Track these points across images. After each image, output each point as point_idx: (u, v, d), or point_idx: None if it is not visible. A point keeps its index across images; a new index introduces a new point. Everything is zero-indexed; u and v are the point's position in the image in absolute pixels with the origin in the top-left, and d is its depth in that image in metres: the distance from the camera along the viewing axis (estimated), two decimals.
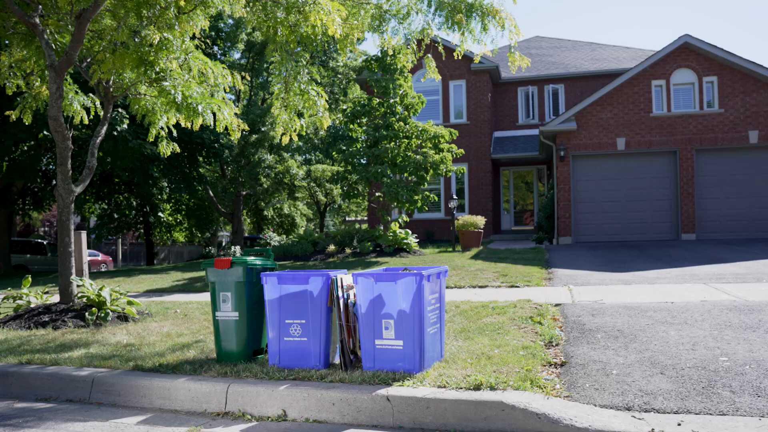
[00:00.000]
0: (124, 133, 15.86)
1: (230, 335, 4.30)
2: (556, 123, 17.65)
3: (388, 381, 3.60)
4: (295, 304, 4.06)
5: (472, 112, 23.32)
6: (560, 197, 17.52)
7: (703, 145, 17.02)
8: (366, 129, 15.79)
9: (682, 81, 17.51)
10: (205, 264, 4.34)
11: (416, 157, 15.18)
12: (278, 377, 3.81)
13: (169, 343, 5.22)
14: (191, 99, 7.33)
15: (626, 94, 17.62)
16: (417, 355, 3.76)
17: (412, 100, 16.14)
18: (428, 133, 15.36)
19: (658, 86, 17.58)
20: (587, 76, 24.07)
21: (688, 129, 17.20)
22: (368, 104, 16.03)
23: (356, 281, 3.89)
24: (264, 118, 20.28)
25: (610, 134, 17.70)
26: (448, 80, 23.71)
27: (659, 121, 17.35)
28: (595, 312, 6.33)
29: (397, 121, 15.44)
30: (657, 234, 17.24)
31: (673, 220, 17.21)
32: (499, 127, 24.46)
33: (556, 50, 27.86)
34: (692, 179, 16.97)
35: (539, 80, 24.36)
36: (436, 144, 15.57)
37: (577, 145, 17.72)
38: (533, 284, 9.10)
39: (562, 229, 17.45)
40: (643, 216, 17.39)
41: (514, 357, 4.26)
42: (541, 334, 5.26)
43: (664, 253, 13.02)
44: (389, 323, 3.82)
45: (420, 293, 3.75)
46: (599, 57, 26.16)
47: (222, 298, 4.31)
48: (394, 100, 15.90)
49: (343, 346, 3.97)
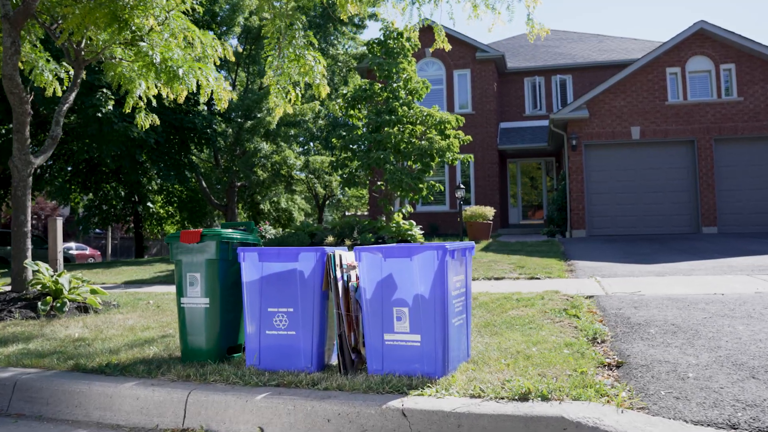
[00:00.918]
0: (109, 115, 14.88)
1: (198, 327, 3.38)
2: (567, 111, 16.75)
3: (403, 388, 2.69)
4: (280, 287, 3.14)
5: (477, 102, 22.39)
6: (573, 188, 16.62)
7: (723, 135, 16.11)
8: (367, 114, 14.84)
9: (698, 68, 16.60)
10: (170, 237, 3.42)
11: (421, 142, 14.25)
12: (256, 382, 2.89)
13: (130, 337, 4.30)
14: (171, 61, 6.41)
15: (640, 82, 16.71)
16: (439, 353, 2.84)
17: (416, 85, 15.19)
18: (434, 119, 14.43)
19: (672, 74, 16.68)
20: (596, 67, 23.14)
21: (705, 118, 16.29)
22: (370, 89, 15.09)
23: (360, 258, 2.97)
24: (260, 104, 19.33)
25: (623, 123, 16.79)
26: (452, 69, 22.79)
27: (675, 109, 16.44)
28: (638, 304, 5.43)
29: (400, 106, 14.51)
30: (675, 227, 16.33)
31: (692, 213, 16.30)
32: (506, 118, 23.55)
33: (562, 42, 26.94)
34: (712, 170, 16.06)
35: (546, 70, 23.44)
36: (442, 130, 14.64)
37: (590, 134, 16.81)
38: (555, 276, 8.21)
39: (575, 222, 16.54)
40: (660, 208, 16.48)
41: (559, 356, 3.35)
42: (581, 328, 4.36)
43: (689, 246, 12.13)
44: (403, 312, 2.90)
45: (443, 273, 2.83)
46: (607, 48, 25.26)
47: (189, 280, 3.39)
48: (397, 85, 14.96)
49: (342, 342, 3.05)
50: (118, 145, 15.78)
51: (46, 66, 7.57)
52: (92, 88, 15.27)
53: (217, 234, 3.32)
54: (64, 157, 19.72)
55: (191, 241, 3.33)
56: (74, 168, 19.58)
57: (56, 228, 12.98)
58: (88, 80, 14.98)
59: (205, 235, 3.33)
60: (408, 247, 2.86)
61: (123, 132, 15.22)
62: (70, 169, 19.77)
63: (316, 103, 21.28)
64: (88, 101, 14.90)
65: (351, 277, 3.18)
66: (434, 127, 14.63)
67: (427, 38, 21.71)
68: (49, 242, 12.52)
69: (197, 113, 18.46)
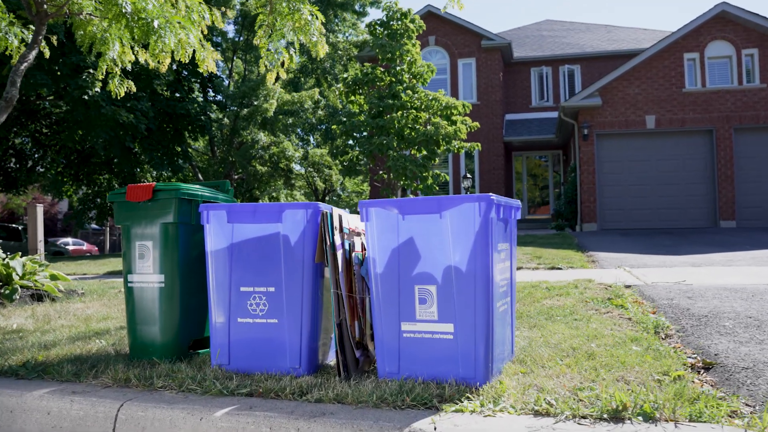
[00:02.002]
0: (96, 98, 13.98)
1: (150, 314, 2.54)
2: (578, 98, 15.90)
3: (431, 400, 1.84)
4: (257, 258, 2.29)
5: (482, 92, 21.54)
6: (583, 180, 15.78)
7: (743, 124, 15.26)
8: (369, 99, 13.97)
9: (717, 54, 15.74)
10: (113, 195, 2.59)
11: (427, 127, 13.39)
12: (219, 390, 2.04)
13: (80, 329, 3.46)
14: (145, 12, 5.54)
15: (655, 68, 15.84)
16: (481, 349, 2.00)
17: (420, 69, 14.33)
18: (439, 103, 13.57)
19: (690, 60, 15.82)
20: (605, 56, 22.28)
21: (725, 106, 15.43)
22: (371, 72, 14.23)
23: (368, 216, 2.13)
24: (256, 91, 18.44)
25: (638, 111, 15.93)
26: (456, 58, 21.93)
27: (693, 97, 15.59)
28: (691, 295, 4.60)
29: (404, 90, 13.65)
30: (691, 221, 15.49)
31: (709, 206, 15.46)
32: (512, 109, 22.70)
33: (570, 32, 26.10)
34: (731, 161, 15.21)
35: (554, 60, 22.58)
36: (448, 116, 13.78)
37: (602, 123, 15.96)
38: (577, 266, 7.40)
39: (586, 215, 15.70)
40: (675, 201, 15.64)
41: (631, 355, 2.51)
42: (637, 321, 3.53)
43: (711, 239, 11.31)
44: (428, 292, 2.06)
45: (487, 235, 1.99)
46: (617, 38, 24.42)
47: (138, 251, 2.55)
48: (400, 68, 14.10)
49: (343, 334, 2.20)
50: (107, 130, 14.89)
51: (10, 30, 6.72)
52: (78, 69, 14.40)
53: (174, 189, 2.48)
54: (55, 148, 18.85)
55: (141, 199, 2.49)
56: (66, 159, 18.75)
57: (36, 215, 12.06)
58: (73, 61, 14.12)
59: (160, 191, 2.49)
60: (437, 200, 2.01)
61: (111, 116, 14.33)
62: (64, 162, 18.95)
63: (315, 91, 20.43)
64: (74, 83, 14.02)
65: (355, 246, 2.34)
66: (440, 112, 13.78)
67: (430, 27, 20.89)
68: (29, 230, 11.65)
69: (192, 100, 17.58)
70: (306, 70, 25.00)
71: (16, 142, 20.02)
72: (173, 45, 5.87)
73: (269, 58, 6.25)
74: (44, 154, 19.94)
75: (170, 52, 6.37)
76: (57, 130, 18.38)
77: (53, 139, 18.95)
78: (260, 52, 6.46)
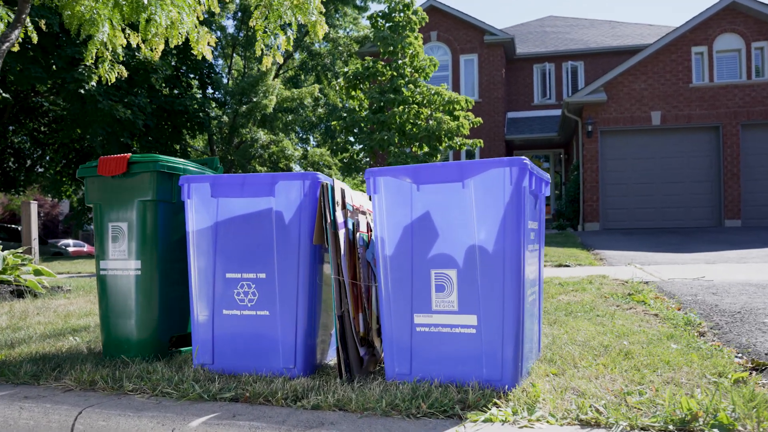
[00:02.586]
0: (93, 93, 13.63)
1: (125, 306, 2.23)
2: (583, 94, 15.59)
3: (452, 407, 1.53)
4: (245, 239, 1.98)
5: (484, 89, 21.23)
6: (586, 178, 15.47)
7: (751, 120, 14.95)
8: (370, 94, 13.65)
9: (726, 47, 15.42)
10: (83, 170, 2.27)
11: (429, 123, 13.08)
12: (198, 394, 1.72)
13: (58, 326, 3.15)
14: None
15: (662, 63, 15.52)
16: (510, 347, 1.68)
17: (423, 62, 14.02)
18: (442, 98, 13.25)
19: (698, 53, 15.50)
20: (609, 52, 21.94)
21: (733, 101, 15.12)
22: (372, 66, 13.91)
23: (375, 188, 1.82)
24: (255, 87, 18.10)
25: (643, 107, 15.61)
26: (458, 54, 21.60)
27: (700, 92, 15.27)
28: (715, 291, 4.29)
29: (406, 84, 13.33)
30: (696, 220, 15.18)
31: (714, 205, 15.15)
32: (513, 107, 22.39)
33: (573, 28, 25.80)
34: (738, 158, 14.89)
35: (557, 56, 22.25)
36: (451, 111, 13.47)
37: (606, 119, 15.65)
38: (585, 264, 7.12)
39: (588, 214, 15.40)
40: (680, 200, 15.32)
41: (672, 354, 2.20)
42: (665, 317, 3.23)
43: (716, 238, 11.01)
44: (447, 278, 1.74)
45: (519, 206, 1.68)
46: (621, 34, 24.11)
47: (112, 233, 2.23)
48: (402, 61, 13.78)
49: (345, 328, 1.89)
50: (104, 126, 14.55)
51: None
52: (73, 61, 14.06)
53: (152, 161, 2.16)
54: (53, 147, 18.51)
55: (114, 172, 2.17)
56: (65, 158, 18.43)
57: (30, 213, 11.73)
58: (68, 53, 13.79)
59: (136, 163, 2.17)
60: (458, 165, 1.70)
61: (108, 111, 13.99)
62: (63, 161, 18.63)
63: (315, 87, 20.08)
64: (69, 76, 13.68)
65: (360, 226, 2.02)
66: (442, 107, 13.46)
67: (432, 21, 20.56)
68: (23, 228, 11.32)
69: (190, 96, 17.25)
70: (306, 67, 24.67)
71: (14, 141, 19.71)
72: (165, 24, 5.57)
73: (266, 40, 5.93)
74: (43, 153, 19.61)
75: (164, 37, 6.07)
76: (55, 128, 18.04)
77: (51, 137, 18.62)
78: (257, 35, 6.14)
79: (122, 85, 14.76)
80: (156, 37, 6.05)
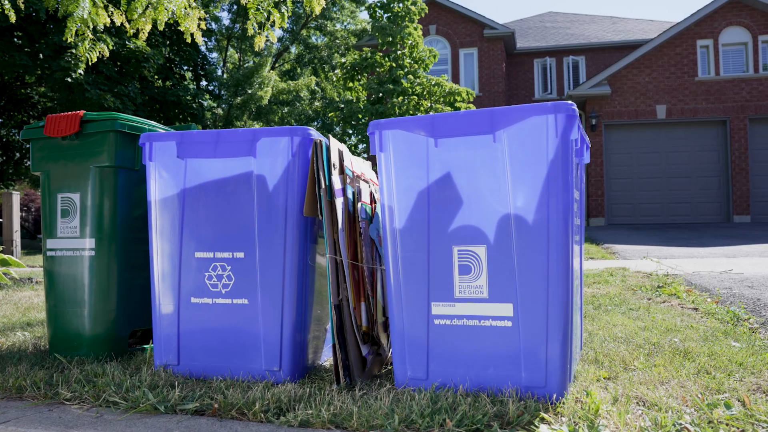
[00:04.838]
0: (80, 81, 13.24)
1: (76, 293, 1.83)
2: (586, 87, 15.25)
3: (487, 424, 1.14)
4: (219, 210, 1.59)
5: (484, 83, 20.87)
6: (591, 173, 15.13)
7: (759, 114, 14.62)
8: (368, 85, 13.26)
9: (732, 41, 15.10)
10: (28, 131, 1.88)
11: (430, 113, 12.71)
12: (152, 405, 1.33)
13: (13, 319, 2.77)
14: None
15: (667, 56, 15.18)
16: (556, 345, 1.29)
17: (422, 53, 13.64)
18: (442, 89, 12.88)
19: (704, 47, 15.17)
20: (611, 47, 21.63)
21: (740, 95, 14.79)
22: (371, 57, 13.53)
23: (382, 145, 1.42)
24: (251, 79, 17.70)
25: (648, 101, 15.27)
26: (458, 48, 21.25)
27: (706, 86, 14.94)
28: (751, 284, 3.93)
29: (404, 75, 12.95)
30: (703, 216, 14.86)
31: (722, 200, 14.82)
32: (514, 101, 22.05)
33: (573, 23, 25.49)
34: (746, 153, 14.56)
35: (558, 51, 21.92)
36: (451, 102, 13.09)
37: (610, 113, 15.31)
38: (598, 257, 6.75)
39: (592, 209, 15.06)
40: (686, 195, 15.00)
41: (739, 354, 1.82)
42: (707, 311, 2.85)
43: (728, 233, 10.69)
44: (473, 255, 1.35)
45: (567, 164, 1.29)
46: (622, 29, 23.80)
47: (61, 206, 1.84)
48: (401, 52, 13.40)
49: (343, 319, 1.50)
50: None
51: None
52: (60, 50, 13.66)
53: (111, 119, 1.77)
54: None
55: (65, 133, 1.78)
56: None
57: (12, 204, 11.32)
58: (55, 41, 13.40)
59: (91, 121, 1.78)
60: (488, 113, 1.31)
61: (96, 101, 13.59)
62: None
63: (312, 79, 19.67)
64: (56, 65, 13.29)
65: (361, 195, 1.63)
66: (443, 98, 13.09)
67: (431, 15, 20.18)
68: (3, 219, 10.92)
69: (183, 88, 16.86)
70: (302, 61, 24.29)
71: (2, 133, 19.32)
72: None
73: (258, 17, 5.54)
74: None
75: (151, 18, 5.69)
76: None
77: None
78: (248, 13, 5.74)
79: (112, 75, 14.37)
80: (142, 18, 5.66)
